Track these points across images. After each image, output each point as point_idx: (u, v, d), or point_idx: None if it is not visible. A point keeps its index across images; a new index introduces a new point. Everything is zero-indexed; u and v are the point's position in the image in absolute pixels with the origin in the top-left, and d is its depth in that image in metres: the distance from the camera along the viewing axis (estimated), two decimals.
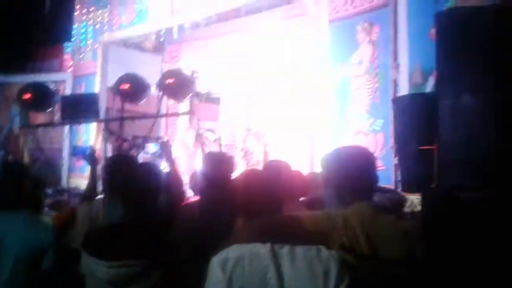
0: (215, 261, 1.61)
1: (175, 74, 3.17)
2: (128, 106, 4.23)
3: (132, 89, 3.24)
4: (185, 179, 3.12)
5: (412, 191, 3.81)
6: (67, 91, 8.92)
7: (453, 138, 3.22)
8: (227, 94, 9.73)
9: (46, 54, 9.75)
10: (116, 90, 3.35)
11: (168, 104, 8.14)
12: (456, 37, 3.01)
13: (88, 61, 8.83)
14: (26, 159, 9.11)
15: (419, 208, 3.83)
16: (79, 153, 3.46)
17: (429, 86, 4.29)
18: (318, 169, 3.90)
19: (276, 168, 2.56)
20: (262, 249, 1.58)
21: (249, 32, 7.49)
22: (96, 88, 8.42)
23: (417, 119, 3.53)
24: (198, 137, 8.65)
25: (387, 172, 4.65)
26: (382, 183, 4.52)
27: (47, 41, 9.24)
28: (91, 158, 3.00)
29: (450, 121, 3.20)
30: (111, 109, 7.37)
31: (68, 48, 9.11)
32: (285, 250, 1.58)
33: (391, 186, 4.36)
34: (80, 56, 8.90)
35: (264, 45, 7.31)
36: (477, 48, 2.95)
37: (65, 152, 8.71)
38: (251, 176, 2.08)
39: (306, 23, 6.25)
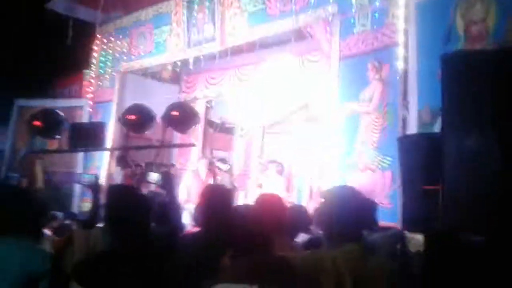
0: None
1: (180, 106, 3.24)
2: (141, 134, 4.29)
3: (138, 120, 3.31)
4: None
5: (415, 230, 3.75)
6: (85, 116, 9.12)
7: (457, 179, 3.20)
8: (241, 124, 9.84)
9: (66, 81, 10.05)
10: (122, 120, 3.44)
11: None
12: (461, 79, 3.02)
13: (106, 89, 9.03)
14: (40, 182, 9.27)
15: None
16: (83, 181, 3.53)
17: (438, 125, 4.27)
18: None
19: (268, 203, 2.55)
20: None
21: (264, 65, 7.60)
22: (113, 115, 8.57)
23: (422, 158, 3.51)
24: (210, 166, 8.73)
25: (394, 209, 4.61)
26: (388, 221, 4.53)
27: (68, 68, 9.53)
28: (94, 187, 3.06)
29: (455, 163, 3.17)
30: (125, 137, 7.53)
31: (88, 75, 9.34)
32: None
33: (397, 224, 4.31)
34: (99, 84, 9.11)
35: (277, 78, 7.41)
36: (482, 90, 2.95)
37: (80, 175, 8.84)
38: (243, 211, 2.09)
39: (318, 58, 6.34)
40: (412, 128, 4.54)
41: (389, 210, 4.75)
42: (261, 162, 8.78)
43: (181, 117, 3.19)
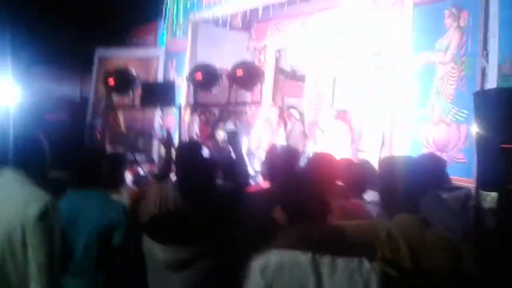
0: (256, 265, 1.65)
1: (245, 65, 3.24)
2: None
3: (204, 79, 3.37)
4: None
5: (488, 189, 3.62)
6: (160, 66, 9.40)
7: None
8: (312, 72, 9.67)
9: (142, 31, 10.32)
10: (190, 79, 3.52)
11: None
12: None
13: (179, 39, 9.20)
14: (123, 129, 9.82)
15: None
16: (156, 135, 3.71)
17: None
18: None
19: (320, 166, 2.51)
20: (303, 258, 1.60)
21: (334, 11, 7.33)
22: (186, 65, 8.76)
23: (500, 115, 3.32)
24: (281, 114, 8.74)
25: (469, 165, 4.44)
26: (463, 177, 4.39)
27: (143, 18, 9.76)
28: (167, 141, 3.20)
29: None
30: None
31: (162, 25, 9.53)
32: (326, 260, 1.59)
33: (471, 180, 4.16)
34: (172, 33, 9.28)
35: (349, 25, 7.13)
36: None
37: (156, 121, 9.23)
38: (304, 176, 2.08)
39: (393, 2, 6.00)
40: (492, 80, 4.25)
41: (464, 165, 4.58)
42: (331, 111, 8.65)
43: (246, 76, 3.20)
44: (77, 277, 2.30)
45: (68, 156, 2.65)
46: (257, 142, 7.47)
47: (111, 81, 3.85)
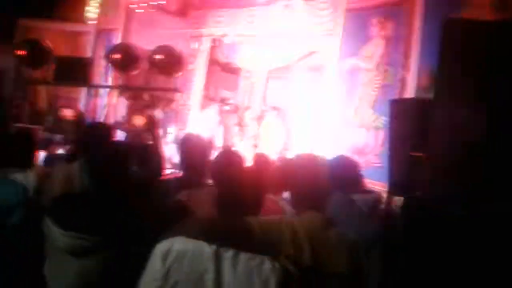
0: (158, 249, 1.64)
1: (166, 50, 3.16)
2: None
3: (122, 59, 3.25)
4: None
5: (397, 194, 3.80)
6: (90, 43, 8.98)
7: (444, 148, 3.19)
8: (247, 65, 9.69)
9: (73, 4, 9.79)
10: (107, 58, 3.38)
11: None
12: (458, 47, 2.94)
13: (112, 17, 8.83)
14: (44, 103, 9.28)
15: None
16: (67, 115, 3.55)
17: None
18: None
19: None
20: (207, 248, 1.59)
21: (273, 7, 7.38)
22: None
23: (411, 124, 3.49)
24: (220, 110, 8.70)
25: (385, 170, 4.63)
26: (378, 180, 4.55)
27: None
28: (78, 122, 3.06)
29: (443, 131, 3.16)
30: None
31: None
32: (229, 254, 1.59)
33: (385, 184, 4.35)
34: (104, 10, 8.89)
35: (285, 22, 7.20)
36: (476, 60, 2.88)
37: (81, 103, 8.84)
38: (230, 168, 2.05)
39: (327, 6, 6.13)
40: (411, 91, 4.48)
41: (380, 170, 4.77)
42: (263, 108, 8.74)
43: (167, 62, 3.12)
44: None
45: None
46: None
47: (22, 52, 3.59)
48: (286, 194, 3.30)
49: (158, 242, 1.67)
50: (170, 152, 6.99)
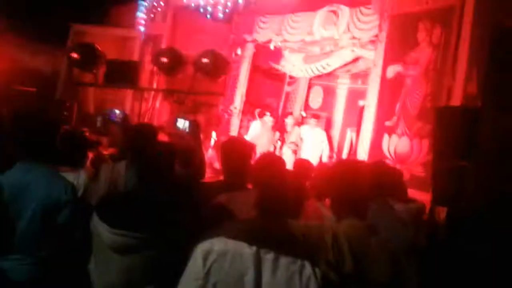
0: (199, 249, 1.66)
1: (211, 54, 3.23)
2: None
3: (169, 62, 3.34)
4: None
5: (441, 204, 3.71)
6: (136, 48, 9.26)
7: (491, 158, 3.10)
8: (288, 72, 9.70)
9: (121, 10, 10.12)
10: (155, 62, 3.48)
11: None
12: (508, 55, 2.86)
13: (158, 22, 9.07)
14: (91, 108, 9.65)
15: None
16: (112, 116, 3.65)
17: None
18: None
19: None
20: (247, 250, 1.61)
21: (316, 13, 7.38)
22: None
23: (457, 132, 3.40)
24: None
25: (427, 179, 4.52)
26: (421, 190, 4.46)
27: None
28: (122, 123, 3.15)
29: (489, 141, 3.07)
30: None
31: (142, 6, 9.36)
32: (269, 256, 1.60)
33: (428, 193, 4.25)
34: (151, 16, 9.13)
35: (329, 28, 7.17)
36: None
37: (127, 106, 9.08)
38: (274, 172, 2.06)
39: (371, 12, 6.07)
40: (457, 99, 4.35)
41: (423, 179, 4.67)
42: (304, 115, 8.73)
43: (212, 65, 3.18)
44: (19, 255, 2.24)
45: (25, 128, 2.55)
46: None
47: (75, 55, 3.76)
48: (327, 201, 3.30)
49: (199, 242, 1.69)
50: (212, 157, 7.10)
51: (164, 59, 3.06)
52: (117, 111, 3.90)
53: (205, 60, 2.83)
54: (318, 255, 1.70)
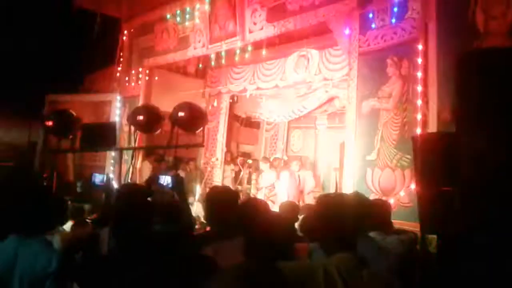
0: None
1: (187, 107, 3.26)
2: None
3: (146, 120, 3.36)
4: None
5: (429, 232, 3.68)
6: (113, 111, 9.31)
7: (474, 180, 3.10)
8: (266, 118, 9.83)
9: (95, 76, 10.26)
10: (131, 120, 3.49)
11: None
12: (475, 78, 2.92)
13: (133, 84, 9.18)
14: (71, 176, 9.54)
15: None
16: (96, 181, 3.60)
17: None
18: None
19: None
20: None
21: (287, 59, 7.57)
22: None
23: (436, 158, 3.42)
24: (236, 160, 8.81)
25: (414, 209, 4.51)
26: (408, 220, 4.44)
27: (96, 64, 9.73)
28: (106, 187, 3.12)
29: (469, 163, 3.08)
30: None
31: (115, 71, 9.51)
32: None
33: (417, 223, 4.22)
34: (126, 79, 9.25)
35: (300, 72, 7.35)
36: (494, 89, 2.85)
37: (108, 170, 9.04)
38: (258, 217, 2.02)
39: (339, 53, 6.26)
40: (433, 127, 4.41)
41: (410, 209, 4.66)
42: (285, 158, 8.77)
43: (188, 118, 3.21)
44: None
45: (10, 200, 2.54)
46: None
47: (50, 123, 3.77)
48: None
49: None
50: (197, 211, 7.01)
51: (140, 117, 3.07)
52: (99, 175, 3.86)
53: (181, 113, 2.86)
54: None
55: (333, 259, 1.81)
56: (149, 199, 2.66)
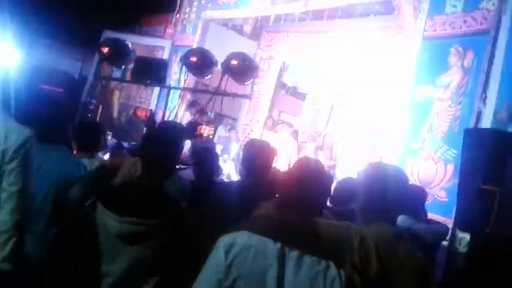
0: (222, 242, 1.58)
1: (240, 56, 3.21)
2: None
3: (198, 62, 3.34)
4: None
5: (465, 229, 3.59)
6: (165, 57, 9.38)
7: None
8: (312, 92, 9.70)
9: (152, 20, 10.32)
10: (184, 61, 3.48)
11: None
12: None
13: (188, 34, 9.19)
14: (115, 112, 9.76)
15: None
16: (139, 114, 3.67)
17: None
18: None
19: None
20: (272, 246, 1.54)
21: (345, 34, 7.37)
22: None
23: (486, 155, 3.28)
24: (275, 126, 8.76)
25: (449, 204, 4.40)
26: (442, 215, 4.34)
27: (155, 8, 9.77)
28: (149, 121, 3.15)
29: None
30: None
31: (173, 18, 9.52)
32: (294, 254, 1.53)
33: (450, 220, 4.12)
34: (182, 28, 9.27)
35: (356, 50, 7.16)
36: None
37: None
38: (297, 171, 1.97)
39: (400, 36, 6.03)
40: (486, 124, 4.23)
41: (444, 204, 4.55)
42: (326, 134, 8.68)
43: (240, 67, 3.16)
44: (29, 232, 2.23)
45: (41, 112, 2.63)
46: None
47: (105, 49, 3.79)
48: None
49: (222, 235, 1.62)
50: (229, 170, 7.05)
51: (194, 58, 3.06)
52: (142, 109, 3.94)
53: (234, 62, 2.83)
54: (344, 256, 1.63)
55: (371, 228, 1.77)
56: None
